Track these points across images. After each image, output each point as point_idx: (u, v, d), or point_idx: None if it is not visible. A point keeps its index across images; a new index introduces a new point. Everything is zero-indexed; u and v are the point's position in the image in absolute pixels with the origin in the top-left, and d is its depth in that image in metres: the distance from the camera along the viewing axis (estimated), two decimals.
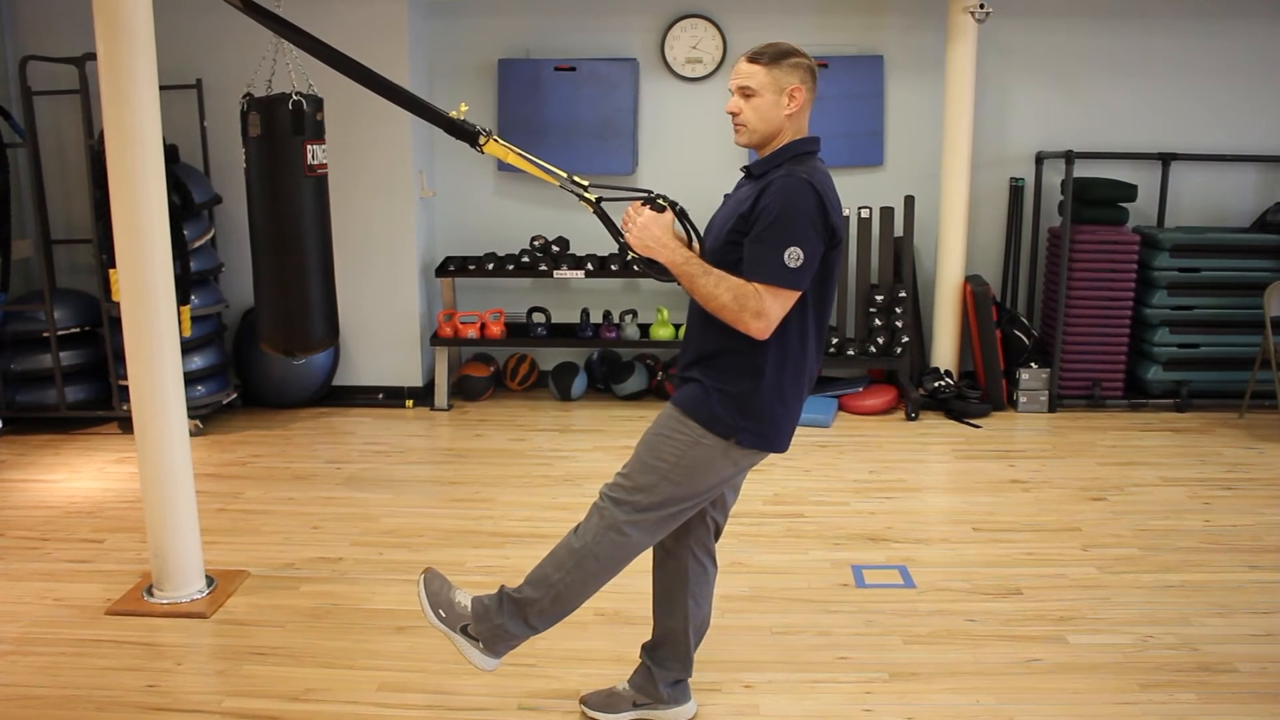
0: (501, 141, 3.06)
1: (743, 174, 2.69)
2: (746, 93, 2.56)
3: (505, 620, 2.68)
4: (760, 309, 2.42)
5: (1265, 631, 3.50)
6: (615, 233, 2.86)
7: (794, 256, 2.42)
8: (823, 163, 2.60)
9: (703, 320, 2.60)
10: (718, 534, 2.91)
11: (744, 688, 3.17)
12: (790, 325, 2.53)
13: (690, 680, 3.01)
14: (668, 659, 2.94)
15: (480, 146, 3.04)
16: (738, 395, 2.55)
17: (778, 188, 2.47)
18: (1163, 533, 4.36)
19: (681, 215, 2.70)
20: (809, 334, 2.58)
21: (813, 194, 2.46)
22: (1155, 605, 3.70)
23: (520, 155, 3.04)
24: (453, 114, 3.06)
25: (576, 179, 2.93)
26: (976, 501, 4.76)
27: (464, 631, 2.70)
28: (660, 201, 2.63)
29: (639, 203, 2.63)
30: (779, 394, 2.57)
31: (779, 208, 2.44)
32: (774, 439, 2.62)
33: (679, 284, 2.54)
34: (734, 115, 2.60)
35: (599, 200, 2.89)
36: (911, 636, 3.49)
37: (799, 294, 2.47)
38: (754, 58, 2.56)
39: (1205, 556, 4.13)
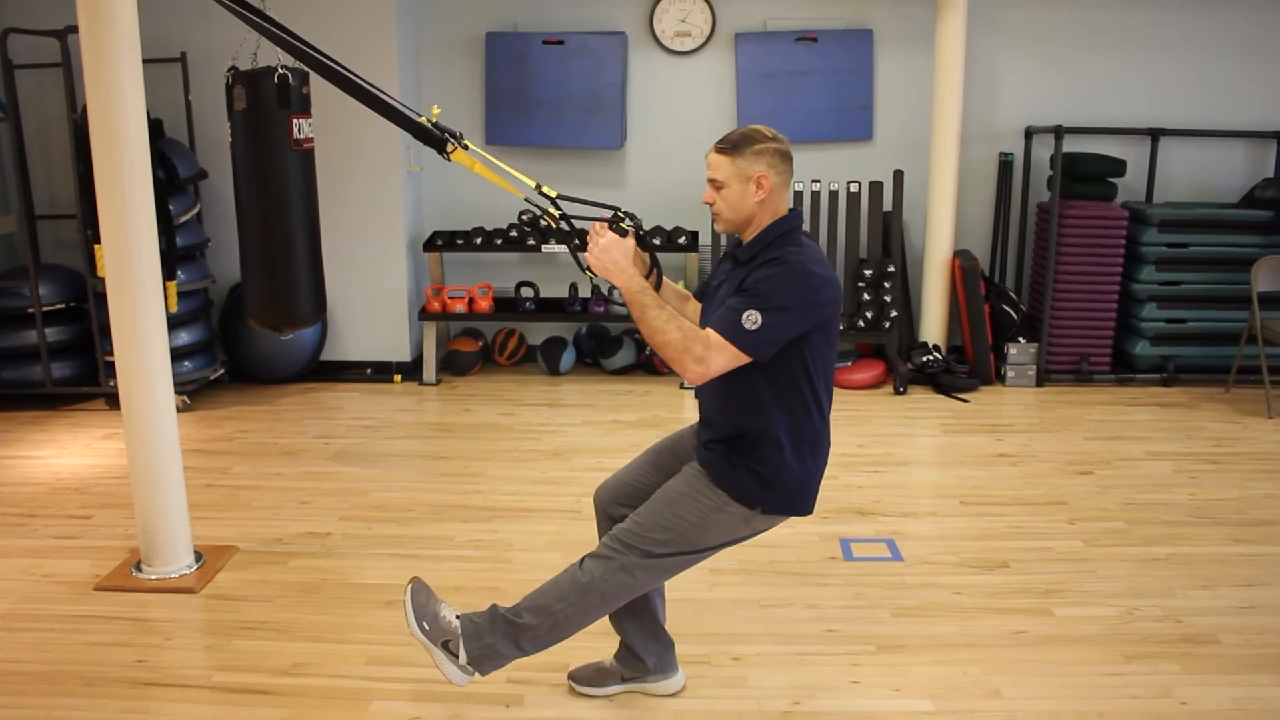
0: (473, 148, 3.01)
1: (725, 258, 2.70)
2: (716, 184, 2.57)
3: (497, 641, 2.65)
4: (703, 355, 2.41)
5: (1248, 603, 3.53)
6: (576, 257, 2.86)
7: (751, 320, 2.40)
8: (807, 235, 2.60)
9: (719, 402, 2.61)
10: None
11: (732, 660, 3.19)
12: (801, 394, 2.54)
13: (678, 652, 3.02)
14: (642, 640, 2.94)
15: (447, 155, 3.00)
16: (762, 471, 2.57)
17: (767, 269, 2.47)
18: (1148, 506, 4.39)
19: (642, 240, 2.69)
20: (820, 399, 2.59)
21: (802, 273, 2.46)
22: (1140, 578, 3.73)
23: (487, 166, 3.00)
24: (423, 119, 3.01)
25: (545, 190, 2.89)
26: (964, 475, 4.78)
27: (444, 647, 2.67)
28: (624, 225, 2.63)
29: (602, 224, 2.62)
30: (800, 465, 2.59)
31: (762, 282, 2.45)
32: (798, 506, 2.65)
33: (629, 313, 2.52)
34: (709, 205, 2.61)
35: (562, 216, 2.87)
36: (899, 609, 3.51)
37: (747, 358, 2.44)
38: (720, 148, 2.56)
39: (1190, 530, 4.15)
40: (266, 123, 4.09)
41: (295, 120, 4.12)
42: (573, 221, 2.87)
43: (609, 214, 2.68)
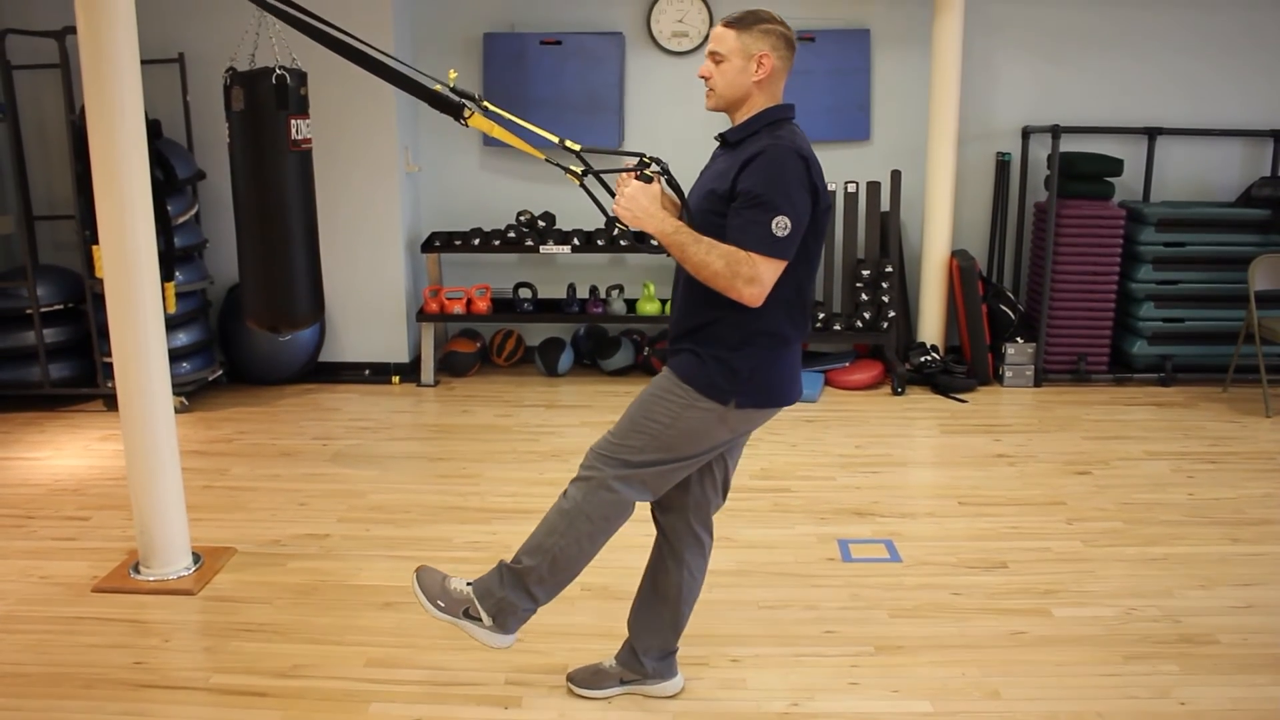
0: (493, 108, 2.99)
1: (718, 142, 2.67)
2: (716, 58, 2.56)
3: (508, 593, 2.67)
4: (754, 275, 2.41)
5: (1246, 603, 3.53)
6: (601, 206, 2.85)
7: (781, 225, 2.41)
8: (798, 127, 2.58)
9: (688, 294, 2.60)
10: (717, 506, 2.89)
11: (731, 662, 3.19)
12: (781, 286, 2.51)
13: (677, 655, 3.02)
14: (648, 631, 2.94)
15: (465, 120, 2.99)
16: (732, 360, 2.54)
17: (764, 159, 2.45)
18: (1146, 506, 4.39)
19: (670, 182, 2.68)
20: (800, 290, 2.57)
21: (797, 159, 2.46)
22: (1138, 578, 3.73)
23: (507, 129, 2.99)
24: (438, 87, 3.00)
25: (569, 144, 2.88)
26: (962, 476, 4.79)
27: (467, 615, 2.69)
28: (648, 172, 2.61)
29: (627, 174, 2.61)
30: (772, 353, 2.57)
31: (766, 177, 2.43)
32: (775, 396, 2.62)
33: (668, 254, 2.52)
34: (705, 79, 2.60)
35: (585, 173, 2.86)
36: (897, 610, 3.51)
37: (786, 262, 2.46)
38: (727, 22, 2.55)
39: (1188, 530, 4.16)
40: (264, 123, 4.09)
41: (293, 121, 4.12)
42: (599, 176, 2.84)
43: (634, 162, 2.65)
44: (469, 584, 2.74)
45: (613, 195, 2.62)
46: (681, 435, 2.59)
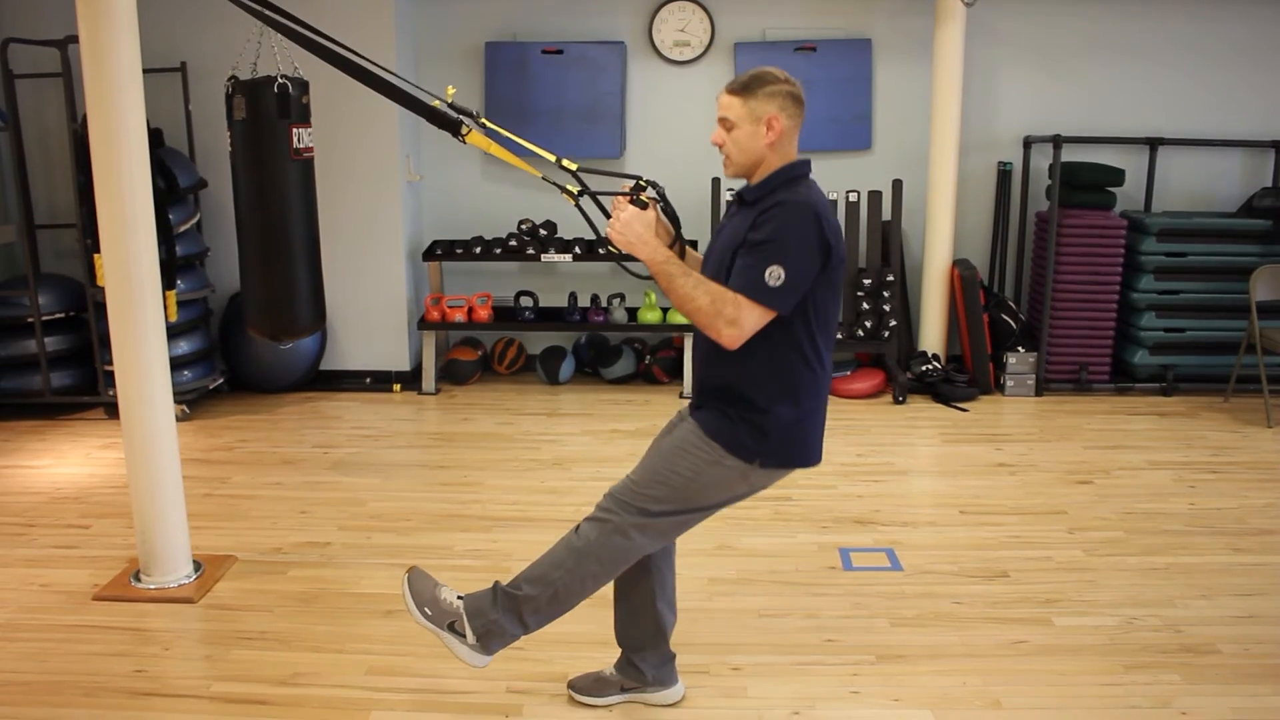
0: (491, 125, 3.01)
1: (733, 201, 2.67)
2: (726, 124, 2.55)
3: (500, 616, 2.65)
4: (736, 317, 2.41)
5: (1248, 613, 3.53)
6: (595, 229, 2.86)
7: (775, 275, 2.40)
8: (816, 184, 2.59)
9: (709, 356, 2.60)
10: None
11: (731, 670, 3.18)
12: (799, 344, 2.52)
13: (677, 662, 3.02)
14: (636, 640, 2.93)
15: (463, 137, 3.00)
16: (762, 422, 2.54)
17: (778, 211, 2.45)
18: (1148, 516, 4.39)
19: (665, 209, 2.68)
20: (820, 350, 2.57)
21: (811, 216, 2.45)
22: (1140, 587, 3.72)
23: (504, 147, 2.99)
24: (436, 103, 3.01)
25: (566, 163, 2.89)
26: (963, 485, 4.78)
27: (451, 628, 2.68)
28: (644, 197, 2.62)
29: (623, 198, 2.62)
30: (797, 414, 2.56)
31: (773, 228, 2.43)
32: (800, 457, 2.62)
33: (656, 283, 2.52)
34: (719, 146, 2.60)
35: (580, 194, 2.86)
36: (898, 619, 3.50)
37: (774, 314, 2.44)
38: (731, 88, 2.55)
39: (1189, 539, 4.15)
40: (266, 132, 4.09)
41: (295, 130, 4.12)
42: (595, 196, 2.84)
43: (630, 184, 2.65)
44: (460, 598, 2.71)
45: (608, 216, 2.62)
46: (702, 489, 2.59)
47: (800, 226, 2.43)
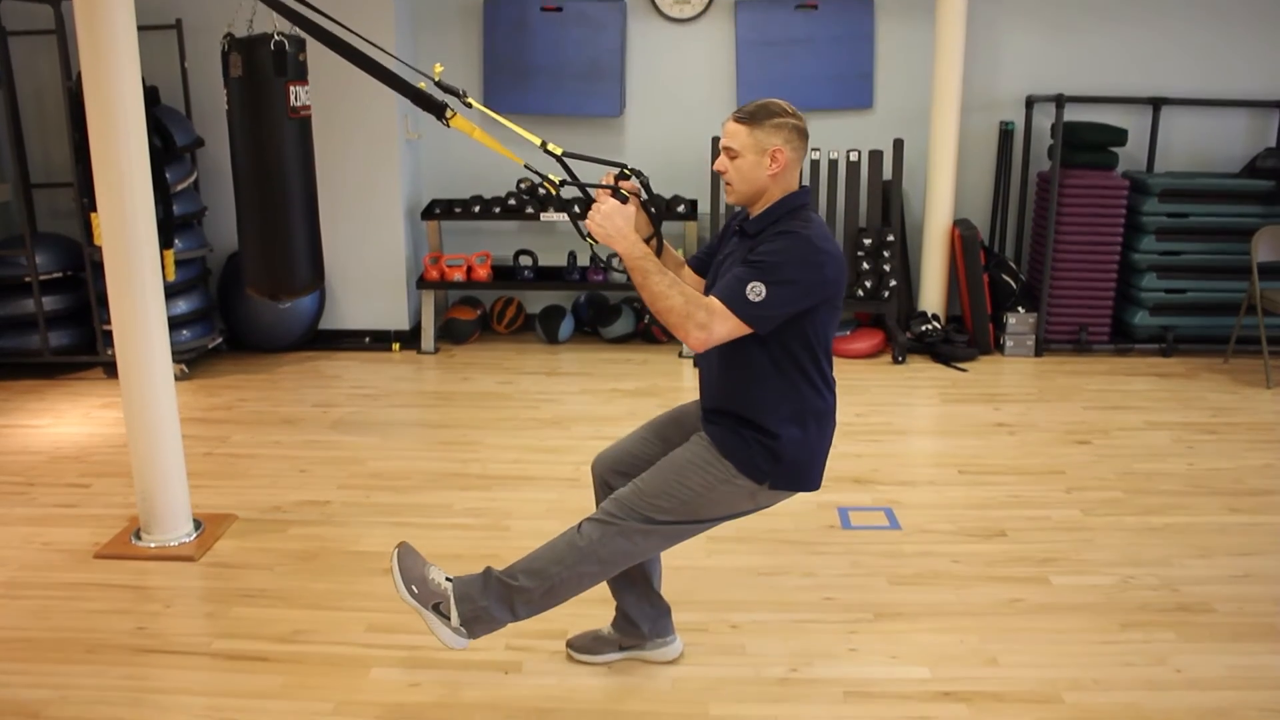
0: (477, 105, 2.98)
1: (734, 231, 2.68)
2: (730, 153, 2.55)
3: (490, 603, 2.63)
4: (707, 322, 2.41)
5: (1243, 573, 3.55)
6: (575, 221, 2.85)
7: (755, 291, 2.40)
8: (816, 215, 2.59)
9: (721, 375, 2.61)
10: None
11: (730, 628, 3.20)
12: (804, 369, 2.54)
13: (676, 620, 3.03)
14: (627, 597, 2.95)
15: (446, 121, 2.97)
16: (776, 447, 2.56)
17: (782, 239, 2.46)
18: (1146, 476, 4.40)
19: (646, 202, 2.68)
20: (825, 374, 2.60)
21: (811, 252, 2.46)
22: (1137, 547, 3.74)
23: (488, 133, 2.96)
24: (422, 84, 2.98)
25: (551, 147, 2.86)
26: (962, 444, 4.79)
27: (435, 609, 2.67)
28: (625, 188, 2.62)
29: (604, 191, 2.61)
30: (805, 440, 2.59)
31: (770, 251, 2.44)
32: (805, 482, 2.65)
33: (630, 279, 2.51)
34: (722, 174, 2.59)
35: (562, 183, 2.85)
36: (897, 577, 3.52)
37: (748, 329, 2.45)
38: (738, 117, 2.54)
39: (1187, 499, 4.17)
40: (263, 90, 4.06)
41: (292, 88, 4.09)
42: (580, 185, 2.82)
43: (613, 172, 2.64)
44: (449, 579, 2.69)
45: (590, 203, 2.59)
46: (710, 504, 2.62)
47: (798, 259, 2.44)
